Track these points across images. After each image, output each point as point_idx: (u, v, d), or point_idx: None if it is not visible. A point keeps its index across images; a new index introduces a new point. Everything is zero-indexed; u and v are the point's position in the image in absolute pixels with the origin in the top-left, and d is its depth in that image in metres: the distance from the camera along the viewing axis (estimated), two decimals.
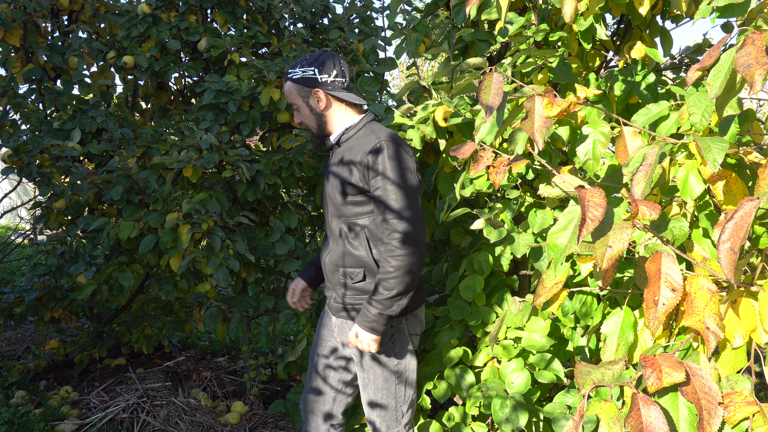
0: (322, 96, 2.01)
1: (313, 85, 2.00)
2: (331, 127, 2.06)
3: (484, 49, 2.55)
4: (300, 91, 2.02)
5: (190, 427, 3.06)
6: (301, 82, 2.01)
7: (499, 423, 1.95)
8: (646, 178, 1.35)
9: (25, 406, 3.14)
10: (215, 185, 3.10)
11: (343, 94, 2.02)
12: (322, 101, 2.02)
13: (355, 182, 1.93)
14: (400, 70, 11.88)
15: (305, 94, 2.02)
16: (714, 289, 1.27)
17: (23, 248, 6.94)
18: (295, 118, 2.09)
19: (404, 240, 1.83)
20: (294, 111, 2.06)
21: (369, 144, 1.93)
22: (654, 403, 1.09)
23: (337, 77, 2.03)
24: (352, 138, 2.02)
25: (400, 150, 1.91)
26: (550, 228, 1.48)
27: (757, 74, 1.10)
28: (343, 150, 2.03)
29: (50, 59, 3.55)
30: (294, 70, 2.03)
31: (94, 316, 3.73)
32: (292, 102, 2.06)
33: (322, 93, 2.01)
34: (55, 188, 3.22)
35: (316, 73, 2.00)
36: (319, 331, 2.24)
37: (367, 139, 1.95)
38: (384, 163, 1.88)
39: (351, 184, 1.94)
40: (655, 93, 2.14)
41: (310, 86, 2.00)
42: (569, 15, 1.90)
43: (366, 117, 2.05)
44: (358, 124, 2.03)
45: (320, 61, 2.02)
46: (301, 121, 2.08)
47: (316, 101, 2.02)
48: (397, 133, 2.02)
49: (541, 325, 2.10)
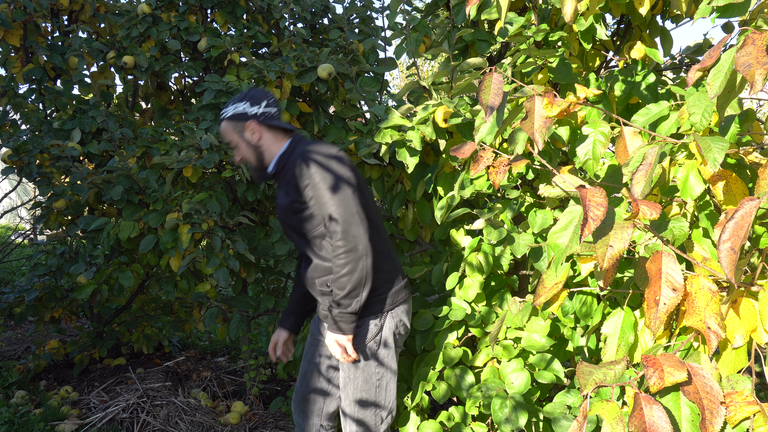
0: (255, 127, 2.08)
1: (246, 119, 2.07)
2: (268, 157, 2.12)
3: (484, 49, 2.55)
4: (235, 127, 2.09)
5: (190, 427, 3.06)
6: (234, 118, 2.08)
7: (499, 423, 1.96)
8: (646, 177, 1.35)
9: (25, 406, 3.14)
10: (215, 185, 3.10)
11: (275, 122, 2.10)
12: (256, 132, 2.08)
13: (297, 200, 2.02)
14: (400, 70, 11.89)
15: (240, 129, 2.09)
16: (715, 289, 1.27)
17: (23, 248, 6.94)
18: (235, 157, 2.15)
19: (342, 238, 1.90)
20: (234, 150, 2.14)
21: (294, 162, 2.01)
22: (657, 402, 1.09)
23: (268, 107, 2.10)
24: (285, 164, 2.09)
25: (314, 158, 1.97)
26: (550, 228, 1.48)
27: (757, 74, 1.10)
28: (282, 177, 2.09)
29: (50, 59, 3.55)
30: (226, 110, 2.10)
31: (94, 316, 3.73)
32: (229, 141, 2.13)
33: (255, 124, 2.08)
34: (55, 188, 3.22)
35: (248, 107, 2.08)
36: (313, 333, 2.28)
37: (292, 161, 2.04)
38: (305, 175, 1.96)
39: (295, 203, 2.02)
40: (655, 93, 2.14)
41: (243, 120, 2.08)
42: (569, 15, 1.90)
43: (293, 139, 2.12)
44: (288, 149, 2.10)
45: (250, 95, 2.10)
46: (240, 159, 2.14)
47: (251, 133, 2.09)
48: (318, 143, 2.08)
49: (541, 325, 2.10)
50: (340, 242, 1.90)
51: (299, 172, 1.98)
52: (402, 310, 2.11)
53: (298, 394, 2.26)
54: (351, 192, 1.95)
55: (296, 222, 2.07)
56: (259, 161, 2.11)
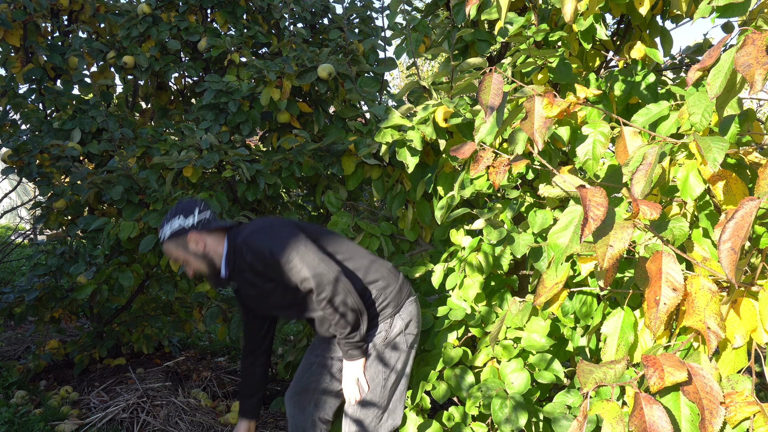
0: (197, 236, 2.09)
1: (185, 232, 2.08)
2: (217, 261, 2.13)
3: (484, 49, 2.55)
4: (177, 244, 2.10)
5: (190, 427, 3.06)
6: (174, 236, 2.09)
7: (499, 423, 1.96)
8: (646, 177, 1.35)
9: (25, 406, 3.14)
10: (215, 185, 3.10)
11: (212, 225, 2.12)
12: (199, 242, 2.10)
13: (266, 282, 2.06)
14: (400, 70, 11.88)
15: (183, 244, 2.09)
16: (715, 289, 1.27)
17: (23, 248, 6.94)
18: (187, 271, 2.16)
19: (320, 292, 1.97)
20: (184, 265, 2.15)
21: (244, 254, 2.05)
22: (657, 402, 1.09)
23: (201, 213, 2.12)
24: (235, 263, 2.10)
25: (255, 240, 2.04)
26: (550, 228, 1.48)
27: (757, 74, 1.10)
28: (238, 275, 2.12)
29: (50, 59, 3.55)
30: (162, 232, 2.11)
31: (94, 316, 3.72)
32: (176, 259, 2.14)
33: (195, 234, 2.09)
34: (55, 188, 3.22)
35: (182, 221, 2.09)
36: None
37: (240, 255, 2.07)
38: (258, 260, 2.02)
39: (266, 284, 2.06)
40: (655, 93, 2.14)
41: (183, 234, 2.08)
42: (569, 15, 1.90)
43: (229, 235, 2.14)
44: (230, 246, 2.11)
45: (180, 209, 2.11)
46: (193, 271, 2.14)
47: (194, 244, 2.09)
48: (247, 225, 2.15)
49: (541, 325, 2.10)
50: (321, 296, 1.97)
51: (252, 260, 2.03)
52: (408, 311, 2.16)
53: (297, 386, 2.28)
54: (303, 246, 2.00)
55: (278, 299, 2.11)
56: (211, 267, 2.12)
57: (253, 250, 2.02)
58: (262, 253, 2.01)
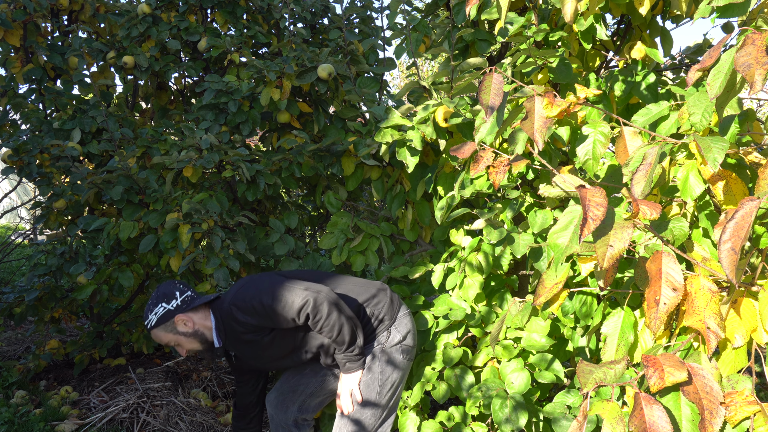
0: (184, 317, 2.12)
1: (172, 315, 2.10)
2: (209, 335, 2.15)
3: (484, 49, 2.55)
4: (165, 329, 2.12)
5: (190, 427, 3.06)
6: (161, 321, 2.11)
7: (499, 423, 1.95)
8: (646, 177, 1.35)
9: (25, 406, 3.14)
10: (215, 185, 3.09)
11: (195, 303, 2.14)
12: (189, 322, 2.12)
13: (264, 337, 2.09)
14: (400, 70, 11.88)
15: (171, 328, 2.12)
16: (715, 289, 1.27)
17: (23, 248, 6.93)
18: (180, 353, 2.18)
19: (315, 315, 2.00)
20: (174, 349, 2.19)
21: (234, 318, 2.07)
22: (657, 402, 1.09)
23: (183, 294, 2.14)
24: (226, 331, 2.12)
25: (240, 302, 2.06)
26: (550, 228, 1.48)
27: (757, 74, 1.10)
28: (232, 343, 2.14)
29: (50, 59, 3.55)
30: (148, 320, 2.12)
31: (94, 316, 3.72)
32: (167, 343, 2.16)
33: (183, 315, 2.11)
34: (55, 188, 3.22)
35: (166, 305, 2.12)
36: None
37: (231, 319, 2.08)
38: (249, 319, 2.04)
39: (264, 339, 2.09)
40: (655, 93, 2.14)
41: (170, 318, 2.10)
42: (569, 15, 1.90)
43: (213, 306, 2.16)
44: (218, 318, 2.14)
45: (160, 296, 2.13)
46: (186, 351, 2.16)
47: (183, 324, 2.12)
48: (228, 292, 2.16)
49: (541, 326, 2.10)
50: (317, 317, 2.00)
51: (244, 318, 2.05)
52: (404, 323, 2.21)
53: (286, 386, 2.30)
54: (287, 282, 2.04)
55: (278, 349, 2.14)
56: (204, 342, 2.14)
57: (242, 308, 2.05)
58: (252, 307, 2.03)
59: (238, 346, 2.15)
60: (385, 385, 2.14)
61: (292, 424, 2.27)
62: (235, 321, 2.06)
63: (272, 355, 2.16)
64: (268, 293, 2.02)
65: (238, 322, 2.06)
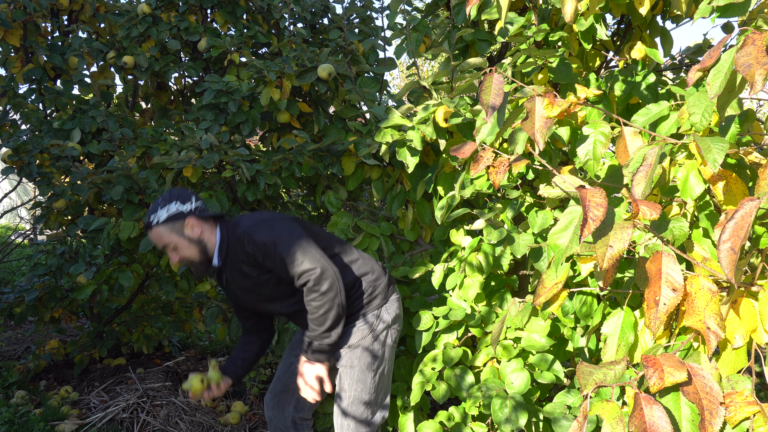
0: (195, 222, 2.08)
1: (184, 216, 2.07)
2: (210, 249, 2.12)
3: (484, 49, 2.55)
4: (173, 228, 2.07)
5: (190, 427, 3.06)
6: (171, 219, 2.06)
7: (499, 423, 1.96)
8: (647, 178, 1.35)
9: (25, 406, 3.14)
10: (215, 185, 3.09)
11: (207, 213, 2.12)
12: (197, 227, 2.09)
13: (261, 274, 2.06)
14: (400, 70, 11.89)
15: (179, 229, 2.07)
16: (714, 289, 1.27)
17: (23, 248, 6.93)
18: (172, 259, 2.12)
19: (316, 284, 1.97)
20: (169, 252, 2.11)
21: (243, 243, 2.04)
22: (657, 402, 1.09)
23: (197, 201, 2.12)
24: (228, 251, 2.10)
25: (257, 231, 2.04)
26: (551, 228, 1.48)
27: (757, 74, 1.10)
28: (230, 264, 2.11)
29: (50, 59, 3.55)
30: (156, 215, 2.07)
31: (94, 316, 3.72)
32: (166, 243, 2.09)
33: (194, 219, 2.08)
34: (55, 188, 3.22)
35: (180, 206, 2.08)
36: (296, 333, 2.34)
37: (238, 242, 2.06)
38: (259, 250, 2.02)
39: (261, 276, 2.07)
40: (656, 93, 2.14)
41: (181, 219, 2.07)
42: (569, 15, 1.90)
43: (221, 225, 2.14)
44: (223, 236, 2.11)
45: (175, 195, 2.10)
46: (179, 258, 2.11)
47: (191, 229, 2.08)
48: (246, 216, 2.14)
49: (541, 326, 2.10)
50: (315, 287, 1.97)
51: (252, 251, 2.02)
52: (395, 306, 2.21)
53: (278, 386, 2.29)
54: (305, 241, 2.02)
55: (270, 291, 2.11)
56: (203, 254, 2.11)
57: (255, 241, 2.02)
58: (264, 245, 2.00)
59: (234, 273, 2.12)
60: (378, 372, 2.15)
61: (291, 425, 2.27)
62: (242, 248, 2.04)
63: (261, 294, 2.13)
64: (284, 243, 2.00)
65: (244, 251, 2.04)
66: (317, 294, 1.97)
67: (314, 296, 1.98)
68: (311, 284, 1.97)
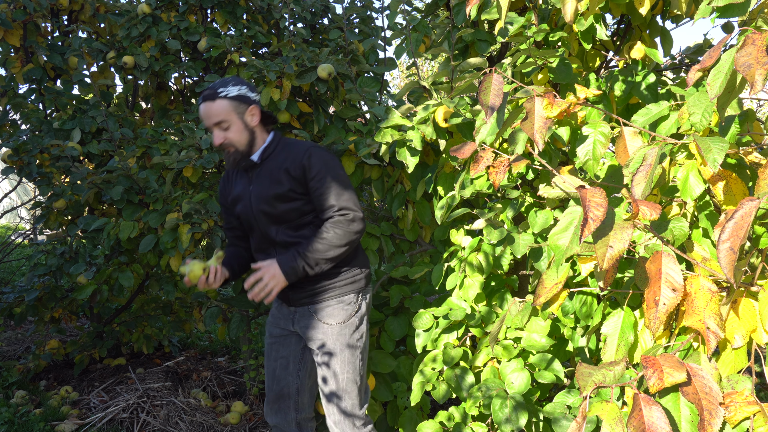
0: (257, 112, 2.11)
1: (250, 102, 2.10)
2: (256, 143, 2.13)
3: (484, 49, 2.55)
4: (237, 108, 2.07)
5: (190, 427, 3.06)
6: (239, 99, 2.07)
7: (499, 423, 1.96)
8: (647, 178, 1.35)
9: (25, 406, 3.14)
10: (215, 185, 3.09)
11: (266, 113, 2.16)
12: (256, 116, 2.11)
13: (294, 190, 2.07)
14: (400, 70, 11.89)
15: (242, 111, 2.08)
16: (714, 289, 1.27)
17: (23, 248, 6.94)
18: (216, 139, 2.09)
19: (350, 220, 2.04)
20: (217, 131, 2.09)
21: (299, 152, 2.08)
22: (656, 403, 1.09)
23: (259, 96, 2.16)
24: (273, 153, 2.13)
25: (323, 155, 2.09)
26: (551, 228, 1.48)
27: (757, 74, 1.10)
28: (268, 164, 2.13)
29: (50, 59, 3.55)
30: (225, 89, 2.07)
31: (94, 316, 3.73)
32: (222, 120, 2.07)
33: (257, 108, 2.11)
34: (55, 188, 3.22)
35: (248, 92, 2.11)
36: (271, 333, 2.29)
37: (293, 151, 2.10)
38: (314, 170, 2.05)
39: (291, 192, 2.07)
40: (655, 93, 2.14)
41: (246, 103, 2.09)
42: (569, 15, 1.90)
43: (276, 133, 2.19)
44: (273, 141, 2.15)
45: (243, 82, 2.11)
46: (224, 139, 2.08)
47: (251, 116, 2.10)
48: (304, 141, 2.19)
49: (541, 325, 2.10)
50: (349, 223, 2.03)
51: (306, 163, 2.05)
52: (370, 294, 2.27)
53: (272, 395, 2.27)
54: (352, 190, 2.09)
55: (284, 210, 2.09)
56: (248, 146, 2.11)
57: (318, 156, 2.06)
58: (324, 164, 2.05)
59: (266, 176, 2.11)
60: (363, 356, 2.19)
61: (296, 428, 2.26)
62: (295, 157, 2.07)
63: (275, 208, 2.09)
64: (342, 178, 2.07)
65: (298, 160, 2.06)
66: (345, 228, 2.02)
67: (342, 228, 2.02)
68: (348, 217, 2.03)
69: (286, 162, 2.08)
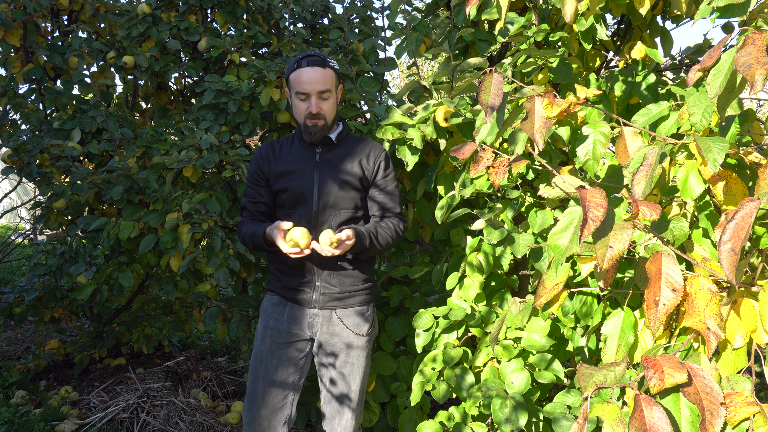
0: (342, 91, 2.19)
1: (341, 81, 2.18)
2: (335, 123, 2.18)
3: (484, 49, 2.55)
4: (336, 82, 2.13)
5: (190, 427, 3.06)
6: (338, 74, 2.14)
7: (499, 423, 1.95)
8: (647, 178, 1.35)
9: (25, 406, 3.14)
10: (215, 185, 3.09)
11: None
12: (340, 96, 2.17)
13: (361, 179, 2.14)
14: (401, 70, 11.89)
15: (336, 83, 2.13)
16: (714, 289, 1.27)
17: (23, 248, 6.94)
18: (314, 107, 2.05)
19: (404, 227, 2.20)
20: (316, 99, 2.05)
21: (375, 149, 2.18)
22: (657, 403, 1.09)
23: None
24: (345, 139, 2.20)
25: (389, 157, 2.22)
26: (551, 228, 1.48)
27: (757, 74, 1.10)
28: (342, 148, 2.17)
29: (50, 59, 3.55)
30: (330, 60, 2.10)
31: (94, 316, 3.73)
32: (327, 89, 2.07)
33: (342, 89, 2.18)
34: (55, 188, 3.22)
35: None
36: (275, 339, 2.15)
37: (367, 144, 2.19)
38: (390, 168, 2.20)
39: (358, 179, 2.13)
40: (656, 93, 2.14)
41: (341, 81, 2.17)
42: (570, 15, 1.90)
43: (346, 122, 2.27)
44: (345, 129, 2.21)
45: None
46: (319, 110, 2.06)
47: (340, 94, 2.17)
48: None
49: (541, 326, 2.10)
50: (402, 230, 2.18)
51: (384, 163, 2.16)
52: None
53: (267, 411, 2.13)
54: None
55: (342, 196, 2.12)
56: (332, 122, 2.14)
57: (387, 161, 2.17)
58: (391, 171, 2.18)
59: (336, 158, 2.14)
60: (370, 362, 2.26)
61: None
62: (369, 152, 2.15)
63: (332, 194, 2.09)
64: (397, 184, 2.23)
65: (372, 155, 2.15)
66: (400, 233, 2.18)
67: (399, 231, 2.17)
68: (402, 227, 2.19)
69: (362, 153, 2.15)
